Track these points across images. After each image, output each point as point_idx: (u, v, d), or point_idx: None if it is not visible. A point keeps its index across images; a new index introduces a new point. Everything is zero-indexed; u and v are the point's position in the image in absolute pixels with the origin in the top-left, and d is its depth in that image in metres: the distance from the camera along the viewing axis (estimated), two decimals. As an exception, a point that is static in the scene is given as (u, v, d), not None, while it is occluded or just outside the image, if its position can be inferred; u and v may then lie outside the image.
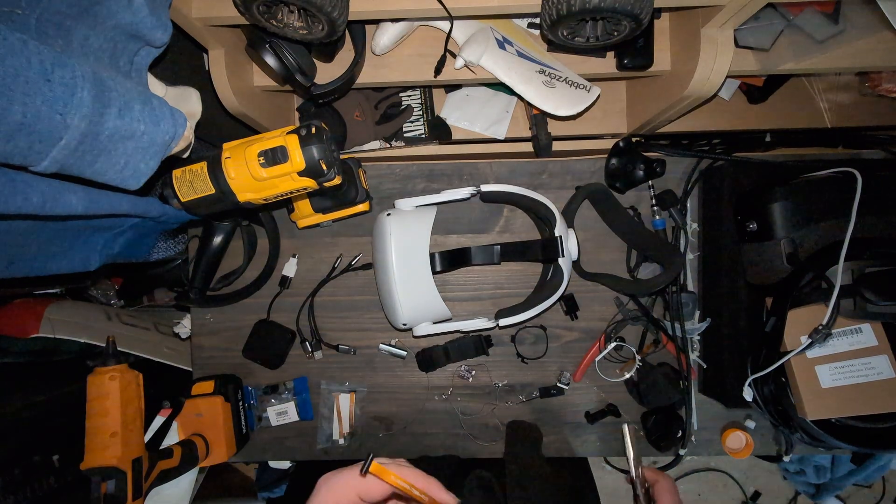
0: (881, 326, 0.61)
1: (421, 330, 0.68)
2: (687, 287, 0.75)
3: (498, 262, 0.73)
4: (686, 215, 0.76)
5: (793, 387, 0.63)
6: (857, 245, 0.58)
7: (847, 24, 0.56)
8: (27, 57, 0.32)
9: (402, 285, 0.65)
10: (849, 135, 0.77)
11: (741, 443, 0.73)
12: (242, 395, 0.77)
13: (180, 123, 0.46)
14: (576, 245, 0.68)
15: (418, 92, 0.81)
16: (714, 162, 0.75)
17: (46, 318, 0.92)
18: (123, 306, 1.18)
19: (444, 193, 0.69)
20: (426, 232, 0.67)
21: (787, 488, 1.62)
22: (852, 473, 1.31)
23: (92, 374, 0.56)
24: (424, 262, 0.66)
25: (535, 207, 0.69)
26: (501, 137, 0.80)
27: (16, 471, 0.74)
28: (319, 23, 0.49)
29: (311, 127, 0.47)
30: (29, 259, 0.53)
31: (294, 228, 0.76)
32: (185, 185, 0.49)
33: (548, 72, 0.62)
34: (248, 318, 0.78)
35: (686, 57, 0.56)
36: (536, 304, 0.67)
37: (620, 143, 0.74)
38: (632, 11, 0.44)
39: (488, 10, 0.51)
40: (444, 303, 0.67)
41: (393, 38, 0.61)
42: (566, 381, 0.77)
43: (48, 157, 0.36)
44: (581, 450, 0.79)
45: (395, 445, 0.79)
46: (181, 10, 0.48)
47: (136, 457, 0.56)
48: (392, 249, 0.64)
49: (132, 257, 0.72)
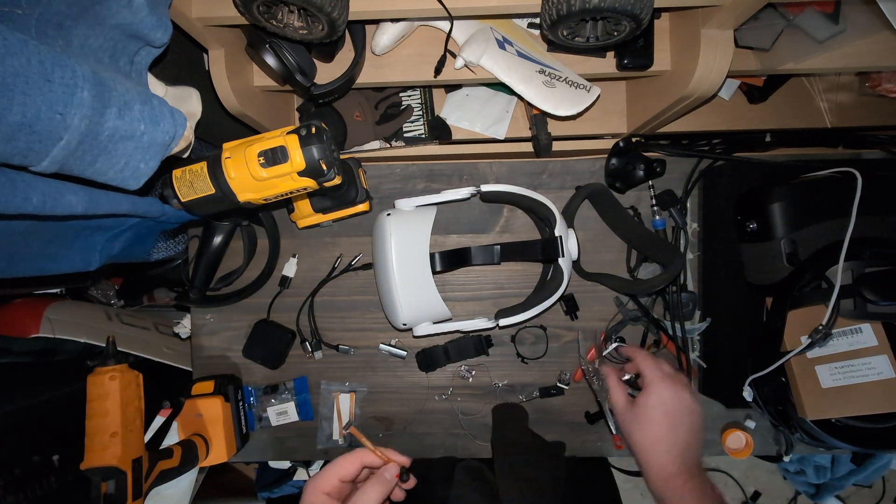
0: (881, 326, 0.61)
1: (421, 330, 0.68)
2: (687, 287, 0.75)
3: (498, 262, 0.73)
4: (686, 215, 0.76)
5: (793, 387, 0.63)
6: (857, 245, 0.58)
7: (847, 24, 0.56)
8: (27, 57, 0.32)
9: (402, 285, 0.65)
10: (849, 135, 0.77)
11: (741, 443, 0.73)
12: (242, 395, 0.77)
13: (180, 123, 0.46)
14: (576, 245, 0.68)
15: (418, 92, 0.81)
16: (714, 162, 0.75)
17: (46, 318, 0.92)
18: (123, 306, 1.18)
19: (444, 193, 0.69)
20: (426, 232, 0.67)
21: (787, 488, 1.62)
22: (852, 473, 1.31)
23: (92, 374, 0.56)
24: (424, 262, 0.66)
25: (535, 207, 0.69)
26: (501, 137, 0.80)
27: (16, 471, 0.74)
28: (319, 23, 0.49)
29: (311, 127, 0.47)
30: (29, 259, 0.53)
31: (294, 228, 0.76)
32: (186, 185, 0.49)
33: (548, 72, 0.62)
34: (248, 318, 0.78)
35: (686, 57, 0.56)
36: (536, 304, 0.67)
37: (620, 143, 0.74)
38: (632, 11, 0.44)
39: (488, 10, 0.51)
40: (444, 303, 0.67)
41: (393, 38, 0.61)
42: (566, 381, 0.77)
43: (48, 157, 0.36)
44: (581, 450, 0.78)
45: (395, 445, 0.78)
46: (181, 10, 0.48)
47: (136, 457, 0.56)
48: (392, 249, 0.64)
49: (132, 257, 0.72)
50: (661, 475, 0.50)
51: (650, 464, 0.51)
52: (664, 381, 0.53)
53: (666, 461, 0.50)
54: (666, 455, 0.50)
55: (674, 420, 0.52)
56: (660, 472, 0.50)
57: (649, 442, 0.51)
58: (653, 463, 0.51)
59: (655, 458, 0.51)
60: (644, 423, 0.52)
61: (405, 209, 0.68)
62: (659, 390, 0.53)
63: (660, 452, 0.51)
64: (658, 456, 0.51)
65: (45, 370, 0.91)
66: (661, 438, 0.51)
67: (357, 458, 0.46)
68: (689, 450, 0.51)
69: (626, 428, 0.54)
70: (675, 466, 0.50)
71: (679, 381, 0.54)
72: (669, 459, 0.50)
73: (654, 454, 0.51)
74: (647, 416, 0.52)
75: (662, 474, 0.50)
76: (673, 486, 0.49)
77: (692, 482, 0.48)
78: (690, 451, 0.51)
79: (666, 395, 0.52)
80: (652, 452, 0.51)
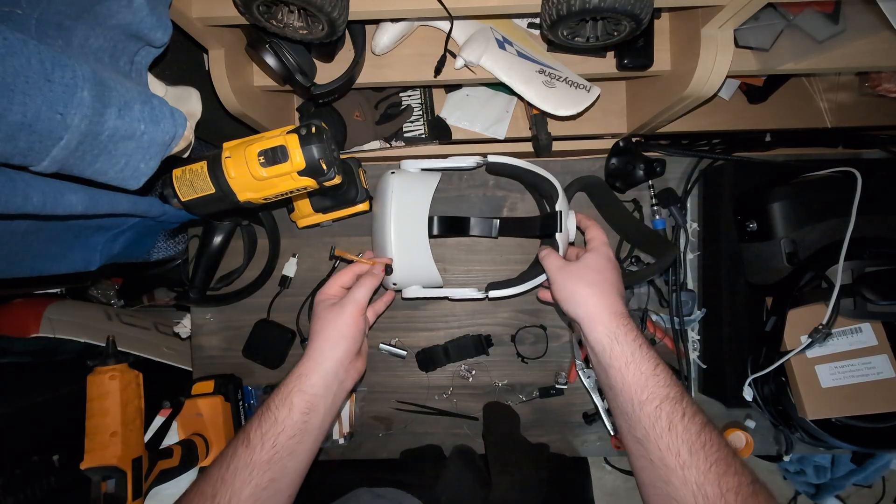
0: (881, 326, 0.61)
1: (410, 292, 0.68)
2: (687, 286, 0.75)
3: (496, 235, 0.73)
4: (686, 215, 0.76)
5: (793, 387, 0.63)
6: (857, 245, 0.58)
7: (847, 24, 0.56)
8: (27, 57, 0.32)
9: (398, 243, 0.65)
10: (849, 135, 0.77)
11: (741, 442, 0.73)
12: (242, 395, 0.77)
13: (180, 123, 0.46)
14: (575, 227, 0.68)
15: (418, 92, 0.81)
16: (714, 162, 0.75)
17: (46, 318, 0.92)
18: (123, 306, 1.18)
19: (450, 160, 0.68)
20: (428, 195, 0.67)
21: (787, 488, 1.62)
22: (852, 473, 1.31)
23: (92, 374, 0.56)
24: (422, 223, 0.66)
25: (538, 183, 0.69)
26: (501, 137, 0.80)
27: (16, 471, 0.74)
28: (319, 23, 0.49)
29: (311, 126, 0.47)
30: (29, 259, 0.53)
31: (294, 228, 0.76)
32: (186, 184, 0.49)
33: (548, 72, 0.62)
34: (248, 318, 0.78)
35: (686, 57, 0.56)
36: (529, 280, 0.66)
37: (620, 143, 0.74)
38: (632, 11, 0.44)
39: (488, 10, 0.51)
40: (436, 268, 0.67)
41: (393, 38, 0.61)
42: (563, 381, 0.77)
43: (48, 156, 0.36)
44: (581, 450, 0.79)
45: (395, 445, 0.79)
46: (181, 10, 0.48)
47: (136, 456, 0.56)
48: (392, 206, 0.64)
49: (132, 257, 0.72)
50: (615, 313, 0.51)
51: (601, 306, 0.52)
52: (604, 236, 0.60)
53: (617, 301, 0.53)
54: (618, 297, 0.53)
55: (617, 270, 0.56)
56: (613, 311, 0.51)
57: (602, 287, 0.53)
58: (605, 304, 0.52)
59: (607, 300, 0.52)
60: (595, 272, 0.55)
61: (410, 170, 0.68)
62: (606, 248, 0.58)
63: (613, 294, 0.53)
64: (612, 298, 0.52)
65: (45, 370, 0.91)
66: (613, 283, 0.54)
67: (351, 270, 0.61)
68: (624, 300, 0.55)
69: (568, 281, 0.55)
70: (623, 307, 0.52)
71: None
72: (620, 300, 0.53)
73: (608, 296, 0.52)
74: (598, 266, 0.55)
75: (616, 311, 0.51)
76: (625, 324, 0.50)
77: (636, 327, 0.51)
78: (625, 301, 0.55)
79: (610, 253, 0.58)
80: (605, 295, 0.52)
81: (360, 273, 0.61)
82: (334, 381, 0.54)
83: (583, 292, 0.53)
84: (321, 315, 0.56)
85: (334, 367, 0.54)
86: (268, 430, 0.48)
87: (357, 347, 0.57)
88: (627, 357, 0.48)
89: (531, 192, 0.77)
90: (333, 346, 0.54)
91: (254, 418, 0.50)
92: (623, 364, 0.48)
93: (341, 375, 0.54)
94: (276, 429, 0.49)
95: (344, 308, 0.56)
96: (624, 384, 0.48)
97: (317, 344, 0.55)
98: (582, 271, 0.55)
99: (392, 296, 0.70)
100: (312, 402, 0.51)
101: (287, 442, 0.49)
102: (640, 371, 0.47)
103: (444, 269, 0.78)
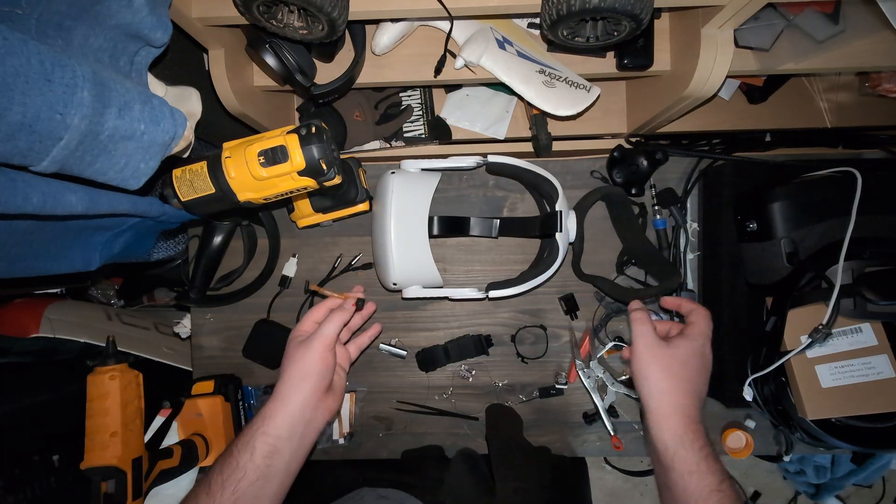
0: (881, 326, 0.61)
1: (410, 292, 0.68)
2: (687, 286, 0.75)
3: (496, 235, 0.73)
4: (686, 215, 0.76)
5: (793, 387, 0.63)
6: (857, 245, 0.58)
7: (847, 24, 0.56)
8: (27, 57, 0.32)
9: (398, 243, 0.65)
10: (849, 135, 0.77)
11: (741, 443, 0.73)
12: (242, 395, 0.77)
13: (180, 123, 0.46)
14: (575, 227, 0.68)
15: (418, 92, 0.81)
16: (714, 162, 0.75)
17: (46, 318, 0.92)
18: (123, 306, 1.18)
19: (450, 160, 0.68)
20: (428, 195, 0.67)
21: (787, 488, 1.62)
22: (852, 473, 1.32)
23: (92, 374, 0.56)
24: (423, 223, 0.66)
25: (538, 183, 0.69)
26: (501, 137, 0.80)
27: (16, 471, 0.74)
28: (319, 23, 0.49)
29: (311, 126, 0.47)
30: (29, 259, 0.53)
31: (294, 228, 0.76)
32: (186, 184, 0.49)
33: (548, 72, 0.62)
34: (248, 318, 0.78)
35: (686, 57, 0.56)
36: (529, 280, 0.66)
37: (615, 154, 0.75)
38: (632, 11, 0.44)
39: (488, 10, 0.51)
40: (436, 268, 0.67)
41: (393, 38, 0.61)
42: (563, 381, 0.77)
43: (48, 156, 0.36)
44: (581, 450, 0.79)
45: (395, 445, 0.79)
46: (181, 10, 0.48)
47: (136, 456, 0.56)
48: (392, 206, 0.65)
49: (132, 257, 0.72)
50: (686, 416, 0.49)
51: (674, 405, 0.49)
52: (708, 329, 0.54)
53: (693, 404, 0.50)
54: (695, 399, 0.50)
55: (706, 369, 0.52)
56: (686, 413, 0.49)
57: (681, 384, 0.50)
58: (679, 404, 0.49)
59: (683, 400, 0.49)
60: (681, 364, 0.51)
61: (410, 170, 0.69)
62: (703, 340, 0.53)
63: (691, 395, 0.50)
64: (688, 399, 0.50)
65: (45, 370, 0.91)
66: (695, 382, 0.51)
67: (324, 305, 0.61)
68: (703, 402, 0.51)
69: (651, 363, 0.52)
70: (697, 411, 0.49)
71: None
72: (696, 403, 0.50)
73: (685, 395, 0.50)
74: (685, 359, 0.51)
75: (689, 415, 0.49)
76: (695, 430, 0.48)
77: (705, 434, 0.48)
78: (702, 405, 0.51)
79: (707, 347, 0.53)
80: (682, 393, 0.50)
81: (334, 307, 0.60)
82: (300, 422, 0.52)
83: (660, 384, 0.50)
84: (289, 353, 0.56)
85: (300, 407, 0.52)
86: (229, 477, 0.47)
87: (325, 384, 0.55)
88: (692, 466, 0.46)
89: (531, 192, 0.77)
90: (298, 385, 0.53)
91: (216, 463, 0.49)
92: (686, 472, 0.47)
93: (308, 415, 0.53)
94: (237, 475, 0.47)
95: (311, 345, 0.54)
96: (686, 492, 0.46)
97: (282, 383, 0.54)
98: (668, 360, 0.51)
99: (378, 329, 0.70)
100: (276, 446, 0.50)
101: (248, 488, 0.47)
102: (704, 483, 0.46)
103: (444, 269, 0.78)
